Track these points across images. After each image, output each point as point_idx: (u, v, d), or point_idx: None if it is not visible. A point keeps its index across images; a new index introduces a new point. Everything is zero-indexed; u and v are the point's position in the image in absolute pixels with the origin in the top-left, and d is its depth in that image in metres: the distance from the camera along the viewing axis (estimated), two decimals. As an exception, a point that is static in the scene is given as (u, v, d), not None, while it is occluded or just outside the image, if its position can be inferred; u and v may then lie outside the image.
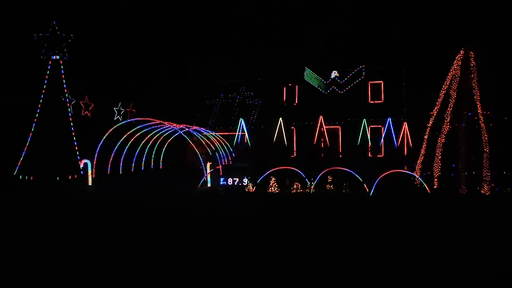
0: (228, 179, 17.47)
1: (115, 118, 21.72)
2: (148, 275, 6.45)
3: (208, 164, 19.13)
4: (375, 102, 28.65)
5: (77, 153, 21.70)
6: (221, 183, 17.49)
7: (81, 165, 20.33)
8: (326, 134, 26.81)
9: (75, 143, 21.85)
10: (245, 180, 17.14)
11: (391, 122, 26.42)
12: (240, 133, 28.53)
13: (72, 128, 21.88)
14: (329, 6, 39.20)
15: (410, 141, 26.17)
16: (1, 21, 31.54)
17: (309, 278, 6.35)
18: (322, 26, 39.67)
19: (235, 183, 17.31)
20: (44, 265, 7.03)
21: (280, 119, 27.63)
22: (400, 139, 26.55)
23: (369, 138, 27.66)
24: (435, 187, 16.35)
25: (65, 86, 22.10)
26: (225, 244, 8.37)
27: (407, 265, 7.01)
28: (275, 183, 17.18)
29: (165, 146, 29.81)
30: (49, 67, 21.98)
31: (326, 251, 7.94)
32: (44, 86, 21.91)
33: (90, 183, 19.57)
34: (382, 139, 26.82)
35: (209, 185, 18.18)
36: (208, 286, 6.08)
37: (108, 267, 6.92)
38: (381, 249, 8.03)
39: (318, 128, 26.74)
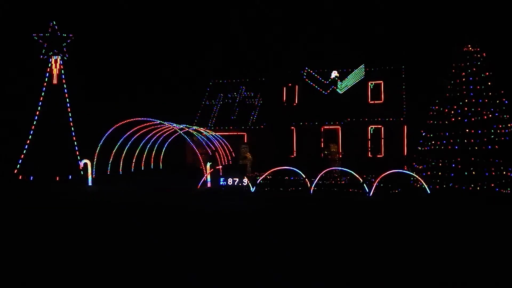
0: (228, 179, 17.49)
1: None
2: (149, 275, 6.46)
3: (208, 164, 19.15)
4: (375, 102, 28.64)
5: (77, 153, 21.75)
6: (221, 183, 17.50)
7: (81, 165, 20.36)
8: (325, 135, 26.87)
9: (75, 143, 21.89)
10: (245, 180, 17.15)
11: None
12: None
13: (72, 129, 21.94)
14: (329, 6, 39.29)
15: (410, 141, 26.18)
16: (1, 21, 31.59)
17: (309, 278, 6.36)
18: (322, 25, 39.77)
19: (235, 183, 17.32)
20: (44, 265, 7.04)
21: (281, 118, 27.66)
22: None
23: (369, 138, 27.70)
24: (435, 187, 16.35)
25: (65, 86, 22.14)
26: (224, 245, 8.38)
27: (407, 265, 7.02)
28: (274, 183, 17.20)
29: (165, 146, 29.84)
30: (49, 66, 22.03)
31: (325, 251, 7.95)
32: (44, 85, 21.95)
33: (90, 183, 19.58)
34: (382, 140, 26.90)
35: (209, 185, 18.21)
36: (207, 286, 6.08)
37: (109, 267, 6.93)
38: (380, 250, 8.04)
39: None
